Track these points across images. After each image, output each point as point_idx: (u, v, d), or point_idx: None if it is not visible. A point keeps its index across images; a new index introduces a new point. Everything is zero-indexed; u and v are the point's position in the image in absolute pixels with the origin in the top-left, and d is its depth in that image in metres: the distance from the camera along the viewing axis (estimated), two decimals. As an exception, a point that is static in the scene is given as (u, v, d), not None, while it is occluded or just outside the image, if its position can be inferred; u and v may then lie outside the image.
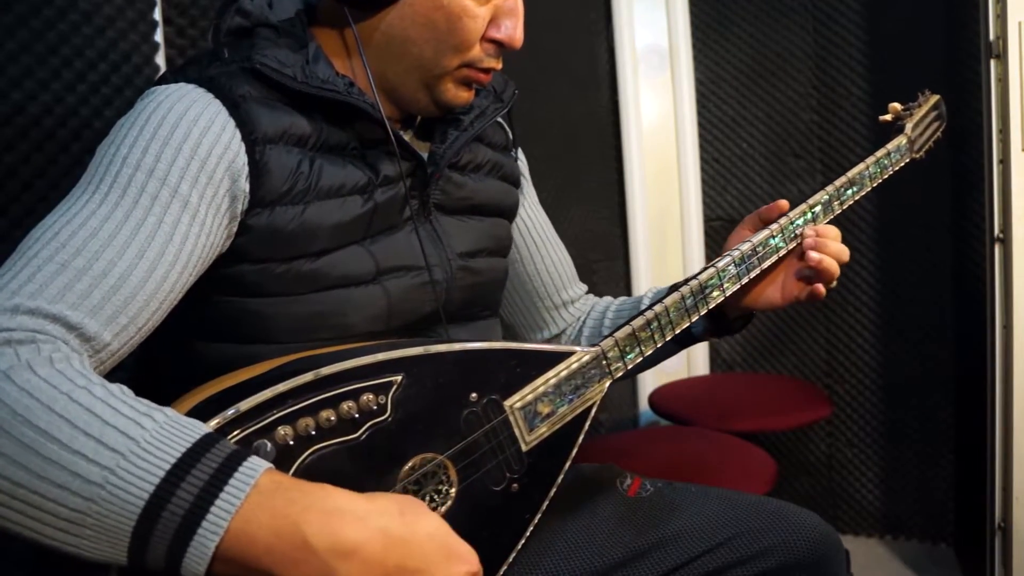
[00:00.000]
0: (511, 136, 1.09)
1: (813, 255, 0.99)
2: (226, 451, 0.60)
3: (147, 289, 0.71)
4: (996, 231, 1.63)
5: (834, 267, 1.00)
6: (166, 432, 0.60)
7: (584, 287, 1.23)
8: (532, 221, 1.15)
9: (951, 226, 2.09)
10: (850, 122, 2.20)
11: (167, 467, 0.58)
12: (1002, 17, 1.55)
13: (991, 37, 1.58)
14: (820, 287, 1.02)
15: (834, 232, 1.03)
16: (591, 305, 1.22)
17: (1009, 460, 1.64)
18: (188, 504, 0.57)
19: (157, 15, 1.30)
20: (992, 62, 1.58)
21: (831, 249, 1.01)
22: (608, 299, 1.22)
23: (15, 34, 1.13)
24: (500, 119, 1.05)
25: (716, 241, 2.44)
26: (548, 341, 1.20)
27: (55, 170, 1.18)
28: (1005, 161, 1.58)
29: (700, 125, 2.40)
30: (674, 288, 0.98)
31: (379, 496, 0.64)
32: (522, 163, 1.15)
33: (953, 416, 2.17)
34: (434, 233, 0.93)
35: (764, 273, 1.03)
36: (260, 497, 0.58)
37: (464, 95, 0.90)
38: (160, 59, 1.30)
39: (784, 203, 1.03)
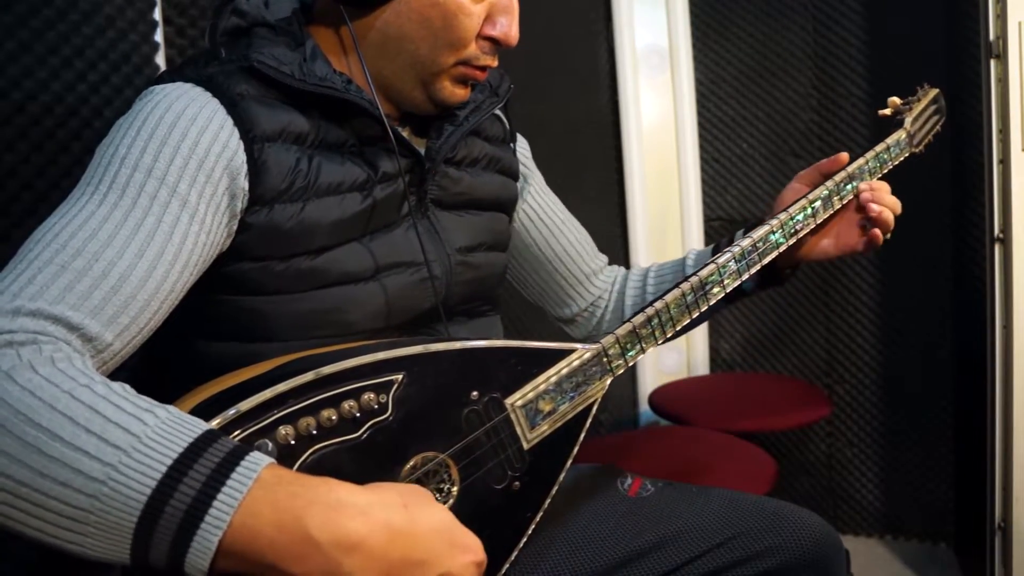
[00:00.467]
0: (508, 128, 1.09)
1: (874, 206, 1.05)
2: (228, 446, 0.60)
3: (148, 289, 0.71)
4: (996, 231, 1.63)
5: (890, 217, 1.06)
6: (168, 428, 0.60)
7: (605, 258, 1.25)
8: (542, 204, 1.16)
9: (951, 226, 2.09)
10: (850, 122, 2.20)
11: (169, 463, 0.58)
12: (1002, 17, 1.55)
13: (991, 37, 1.58)
14: (878, 233, 1.07)
15: (886, 186, 1.09)
16: (622, 276, 1.23)
17: (1009, 460, 1.64)
18: (190, 499, 0.57)
19: (157, 15, 1.30)
20: (992, 62, 1.58)
21: (887, 200, 1.07)
22: (640, 268, 1.23)
23: (15, 34, 1.13)
24: (497, 112, 1.05)
25: (716, 241, 2.44)
26: (579, 315, 1.23)
27: (55, 170, 1.18)
28: (1005, 161, 1.58)
29: (700, 125, 2.40)
30: (717, 249, 1.05)
31: (383, 487, 0.64)
32: (523, 150, 1.15)
33: (953, 416, 2.17)
34: (432, 229, 0.93)
35: (818, 228, 1.07)
36: (262, 491, 0.58)
37: (460, 92, 0.90)
38: (160, 59, 1.30)
39: (845, 156, 1.09)
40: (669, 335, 0.93)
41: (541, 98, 2.05)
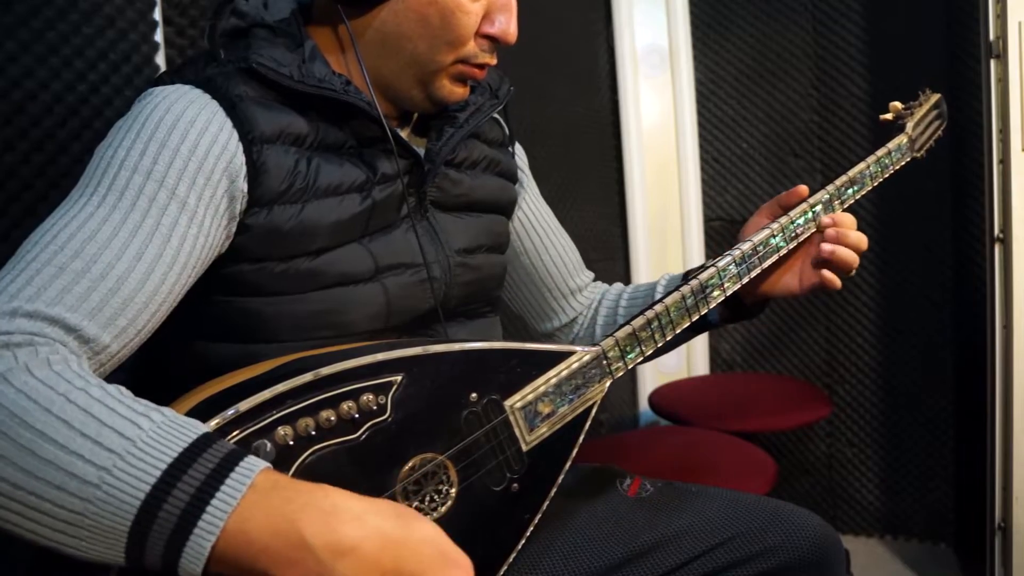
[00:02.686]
0: (508, 132, 1.09)
1: (825, 247, 0.99)
2: (223, 451, 0.60)
3: (146, 291, 0.71)
4: (996, 231, 1.63)
5: (850, 256, 1.00)
6: (163, 432, 0.59)
7: (591, 275, 1.24)
8: (535, 214, 1.16)
9: (951, 226, 2.09)
10: (850, 122, 2.20)
11: (163, 467, 0.57)
12: (1002, 17, 1.55)
13: (991, 37, 1.58)
14: (834, 278, 1.02)
15: (851, 220, 1.03)
16: (601, 292, 1.22)
17: (1009, 460, 1.64)
18: (184, 504, 0.57)
19: (157, 15, 1.30)
20: (992, 62, 1.58)
21: (851, 239, 1.00)
22: (619, 286, 1.22)
23: (15, 34, 1.13)
24: (496, 115, 1.05)
25: (716, 241, 2.44)
26: (559, 330, 1.20)
27: (55, 170, 1.18)
28: (1005, 161, 1.58)
29: (700, 125, 2.40)
30: (688, 276, 0.98)
31: (375, 499, 0.64)
32: (520, 157, 1.15)
33: (953, 416, 2.17)
34: (432, 230, 0.93)
35: (781, 261, 1.03)
36: (257, 496, 0.58)
37: (459, 91, 0.90)
38: (160, 59, 1.30)
39: (804, 188, 1.03)
40: (668, 337, 0.93)
41: (541, 98, 2.05)
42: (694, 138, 2.39)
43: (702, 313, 0.96)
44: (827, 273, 1.02)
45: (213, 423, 0.64)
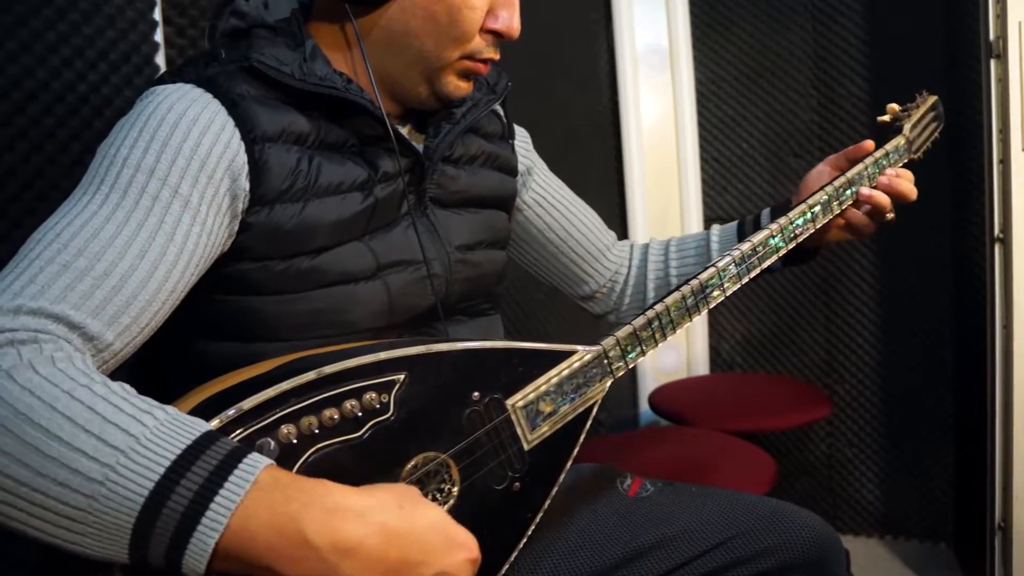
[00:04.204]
0: (506, 125, 1.09)
1: (863, 191, 1.07)
2: (226, 448, 0.60)
3: (149, 289, 0.71)
4: (996, 231, 1.63)
5: (883, 200, 1.08)
6: (167, 429, 0.60)
7: (613, 234, 1.26)
8: (549, 189, 1.18)
9: (951, 226, 2.09)
10: (850, 122, 2.20)
11: (167, 464, 0.58)
12: (1002, 17, 1.55)
13: (991, 37, 1.58)
14: (855, 214, 1.09)
15: (908, 173, 1.11)
16: (639, 250, 1.25)
17: (1009, 460, 1.64)
18: (188, 501, 0.57)
19: (157, 15, 1.30)
20: (992, 62, 1.58)
21: (903, 187, 1.09)
22: (657, 242, 1.24)
23: (15, 34, 1.13)
24: (495, 108, 1.05)
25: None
26: (597, 292, 1.24)
27: (55, 170, 1.18)
28: (1005, 161, 1.59)
29: (700, 125, 2.40)
30: (743, 227, 1.13)
31: (377, 489, 0.64)
32: (523, 141, 1.16)
33: (953, 416, 2.17)
34: (431, 227, 0.93)
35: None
36: (260, 494, 0.58)
37: (464, 86, 0.90)
38: (160, 59, 1.30)
39: (870, 143, 1.11)
40: (668, 337, 0.93)
41: (541, 98, 2.05)
42: (694, 138, 2.39)
43: (701, 313, 0.96)
44: (853, 212, 1.09)
45: (216, 421, 0.64)
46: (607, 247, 1.23)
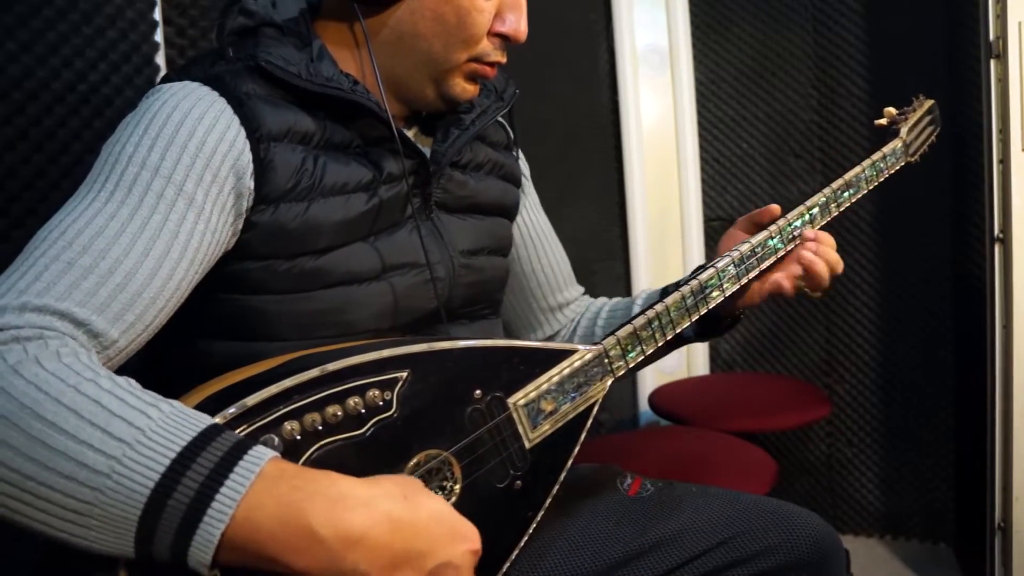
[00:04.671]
0: (512, 136, 1.09)
1: (806, 254, 1.00)
2: (231, 440, 0.60)
3: (153, 286, 0.71)
4: (996, 231, 1.63)
5: (824, 272, 1.00)
6: (172, 422, 0.60)
7: (581, 289, 1.23)
8: (532, 222, 1.16)
9: (951, 226, 2.09)
10: (850, 122, 2.20)
11: (172, 456, 0.58)
12: (1002, 17, 1.55)
13: (991, 37, 1.58)
14: (790, 284, 1.02)
15: (831, 240, 1.03)
16: (586, 307, 1.22)
17: (1009, 460, 1.64)
18: (193, 492, 0.57)
19: (157, 15, 1.30)
20: (992, 62, 1.59)
21: (830, 257, 1.01)
22: (602, 300, 1.22)
23: (15, 34, 1.13)
24: (501, 119, 1.06)
25: (716, 241, 2.43)
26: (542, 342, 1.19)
27: (55, 170, 1.18)
28: (1005, 161, 1.59)
29: (700, 125, 2.40)
30: (666, 292, 1.00)
31: (382, 480, 0.65)
32: (523, 164, 1.15)
33: (953, 416, 2.17)
34: (436, 231, 0.93)
35: (761, 274, 1.03)
36: (265, 484, 0.59)
37: (471, 89, 0.91)
38: (160, 59, 1.30)
39: (776, 207, 1.04)
40: (669, 336, 0.94)
41: (541, 98, 2.05)
42: (694, 138, 2.39)
43: (702, 312, 0.97)
44: (785, 280, 1.01)
45: (218, 418, 0.64)
46: (567, 302, 1.19)
